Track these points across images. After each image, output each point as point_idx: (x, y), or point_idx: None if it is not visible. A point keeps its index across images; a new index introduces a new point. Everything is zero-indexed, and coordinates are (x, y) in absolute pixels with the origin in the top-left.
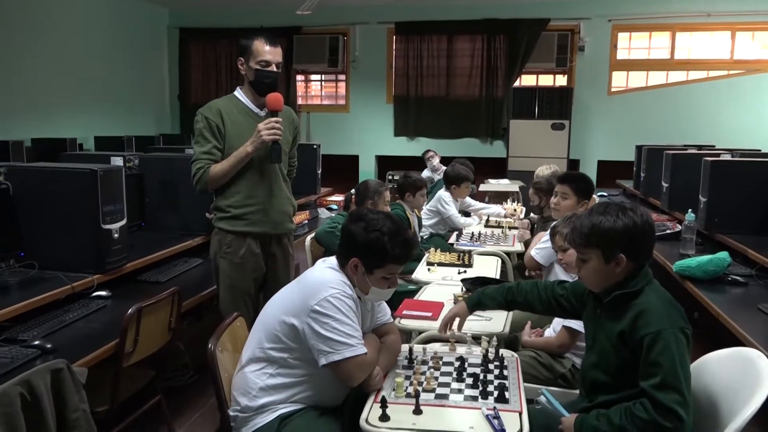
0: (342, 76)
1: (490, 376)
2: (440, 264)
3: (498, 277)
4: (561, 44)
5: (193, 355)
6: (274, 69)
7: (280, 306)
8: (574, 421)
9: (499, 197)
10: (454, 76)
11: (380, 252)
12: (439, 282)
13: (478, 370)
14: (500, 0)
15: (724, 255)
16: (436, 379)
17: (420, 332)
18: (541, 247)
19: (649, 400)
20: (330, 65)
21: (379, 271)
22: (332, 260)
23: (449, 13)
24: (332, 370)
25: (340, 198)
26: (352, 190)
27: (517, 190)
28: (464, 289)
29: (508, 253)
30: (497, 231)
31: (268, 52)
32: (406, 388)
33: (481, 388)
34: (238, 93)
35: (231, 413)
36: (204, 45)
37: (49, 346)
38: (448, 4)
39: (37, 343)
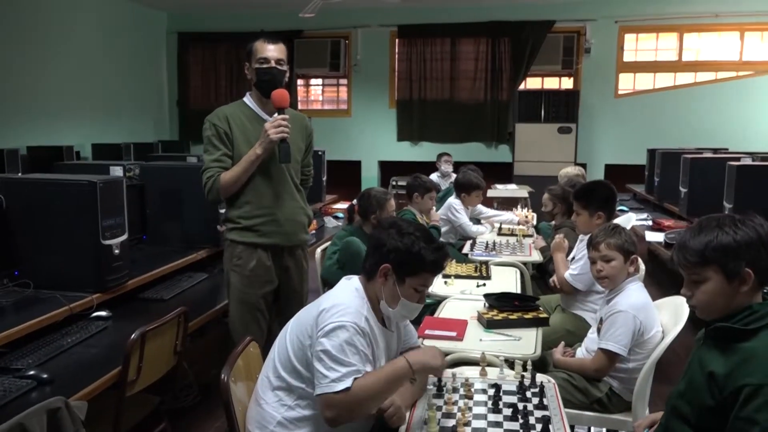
0: (343, 81)
1: (529, 406)
2: (457, 276)
3: (520, 291)
4: (567, 46)
5: (197, 373)
6: (273, 64)
7: (295, 330)
8: None
9: (507, 203)
10: (457, 79)
11: (415, 257)
12: (457, 296)
13: (515, 399)
14: (504, 2)
15: None
16: (470, 409)
17: (445, 354)
18: (578, 273)
19: None
20: (331, 69)
21: (411, 280)
22: (356, 281)
23: (452, 16)
24: None
25: (345, 205)
26: (354, 201)
27: (527, 195)
28: (487, 305)
29: (524, 263)
30: (512, 239)
31: (267, 50)
32: (439, 421)
33: (522, 421)
34: (247, 99)
35: None
36: (203, 50)
37: (45, 376)
38: (451, 7)
39: (32, 373)
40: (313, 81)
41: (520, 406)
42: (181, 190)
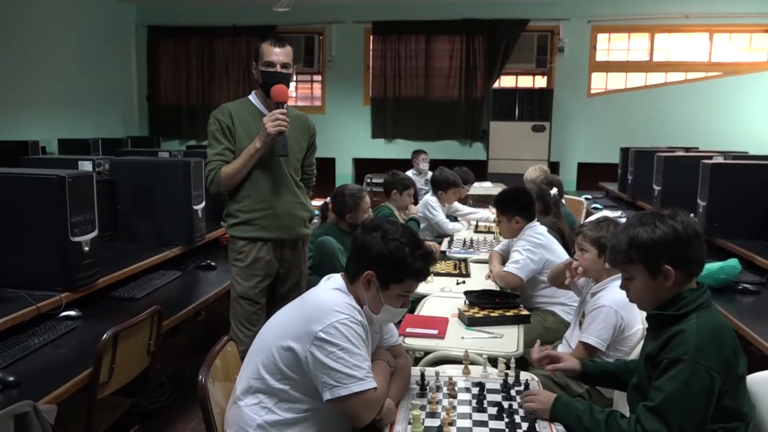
0: (317, 77)
1: (514, 405)
2: (437, 274)
3: (500, 288)
4: (541, 45)
5: (169, 372)
6: (279, 69)
7: (279, 330)
8: (555, 397)
9: (482, 201)
10: (432, 77)
11: (400, 264)
12: (437, 294)
13: (499, 397)
14: (479, 0)
15: (734, 262)
16: (455, 408)
17: (426, 352)
18: (522, 262)
19: (636, 417)
20: (305, 65)
21: (395, 287)
22: (338, 278)
23: (427, 13)
24: (337, 406)
25: (319, 203)
26: (328, 199)
27: None
28: (468, 302)
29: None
30: (489, 237)
31: (273, 53)
32: (423, 421)
33: (507, 420)
34: (252, 97)
35: None
36: (174, 44)
37: (11, 379)
38: (426, 4)
39: None
40: None
41: (505, 404)
42: (153, 185)
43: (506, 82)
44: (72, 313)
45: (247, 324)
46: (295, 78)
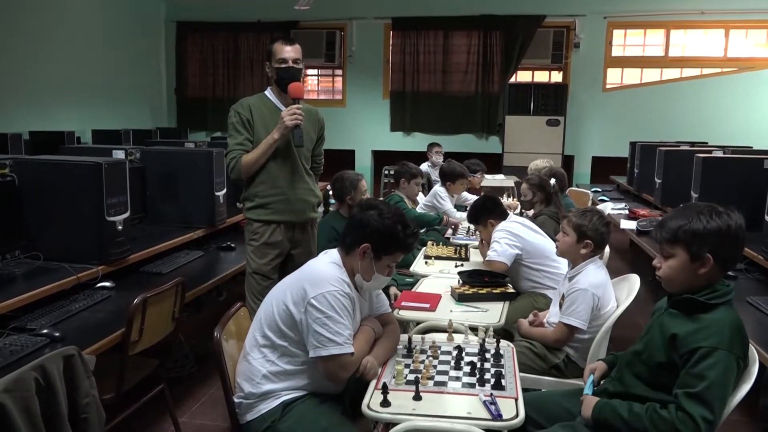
0: (339, 71)
1: (486, 365)
2: (438, 257)
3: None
4: (556, 41)
5: (193, 347)
6: (291, 64)
7: (281, 295)
8: (595, 402)
9: (496, 192)
10: (450, 71)
11: (393, 238)
12: (436, 275)
13: (475, 359)
14: None
15: None
16: (435, 367)
17: (418, 323)
18: (500, 249)
19: (677, 405)
20: (327, 60)
21: (386, 257)
22: (334, 253)
23: (446, 9)
24: (318, 364)
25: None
26: (328, 186)
27: (512, 185)
28: (461, 281)
29: None
30: None
31: (285, 51)
32: (406, 375)
33: (478, 376)
34: (268, 92)
35: (236, 399)
36: (201, 38)
37: (57, 334)
38: (445, 0)
39: (45, 331)
40: (309, 71)
41: (479, 364)
42: (179, 173)
43: (522, 77)
44: (107, 283)
45: (259, 297)
46: (317, 72)
